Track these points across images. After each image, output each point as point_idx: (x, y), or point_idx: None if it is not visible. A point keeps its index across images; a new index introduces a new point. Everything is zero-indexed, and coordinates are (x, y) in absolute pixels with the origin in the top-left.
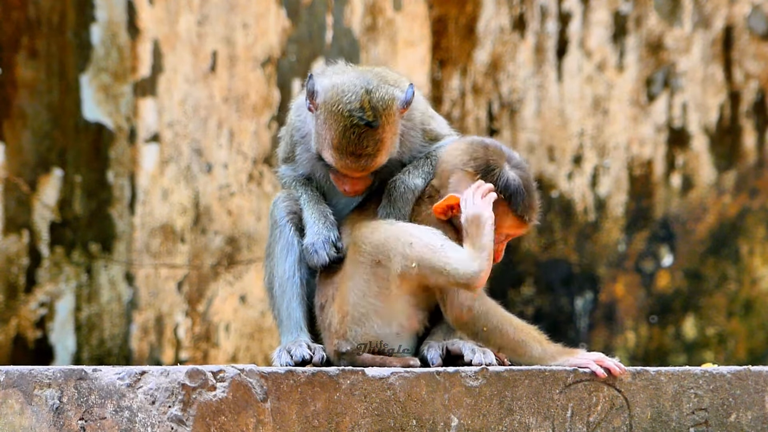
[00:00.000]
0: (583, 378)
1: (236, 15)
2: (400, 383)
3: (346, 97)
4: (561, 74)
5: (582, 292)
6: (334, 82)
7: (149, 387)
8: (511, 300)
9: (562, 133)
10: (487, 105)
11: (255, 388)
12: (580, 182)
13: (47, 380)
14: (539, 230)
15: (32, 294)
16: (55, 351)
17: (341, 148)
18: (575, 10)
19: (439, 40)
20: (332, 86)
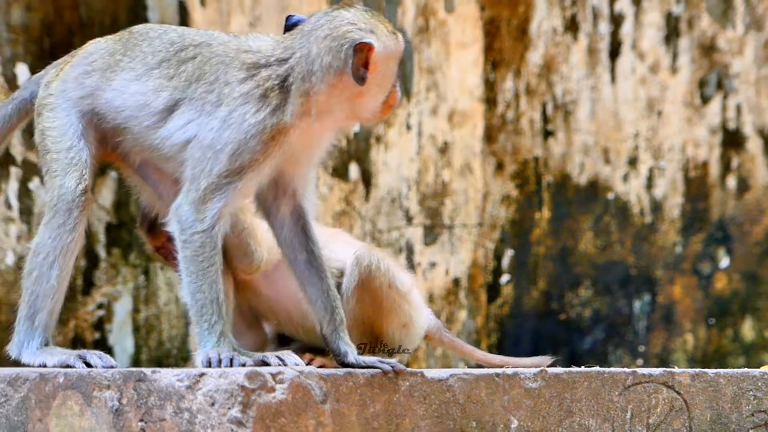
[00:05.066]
0: (643, 380)
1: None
2: (459, 385)
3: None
4: (614, 76)
5: (639, 295)
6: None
7: (209, 389)
8: (568, 302)
9: (616, 135)
10: (541, 106)
11: (314, 389)
12: (635, 184)
13: (106, 382)
14: (596, 232)
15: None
16: (113, 352)
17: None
18: (627, 12)
19: (492, 41)
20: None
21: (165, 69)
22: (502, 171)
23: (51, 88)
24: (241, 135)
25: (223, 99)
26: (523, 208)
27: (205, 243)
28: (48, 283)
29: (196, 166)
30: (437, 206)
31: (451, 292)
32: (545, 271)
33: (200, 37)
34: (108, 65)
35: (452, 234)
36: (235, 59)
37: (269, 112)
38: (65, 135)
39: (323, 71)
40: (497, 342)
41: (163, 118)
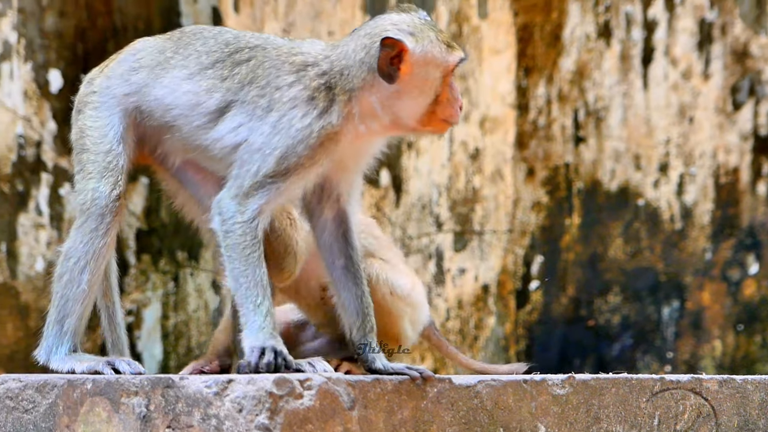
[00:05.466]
0: (670, 386)
1: (321, 22)
2: (486, 391)
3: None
4: (647, 82)
5: (668, 301)
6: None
7: (236, 395)
8: (597, 308)
9: (648, 141)
10: (572, 113)
11: (342, 396)
12: (666, 190)
13: (134, 388)
14: (626, 238)
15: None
16: (142, 359)
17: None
18: (660, 18)
19: (525, 47)
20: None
21: (219, 69)
22: (533, 177)
23: (94, 85)
24: (289, 140)
25: (274, 104)
26: (553, 214)
27: (246, 232)
28: (78, 288)
29: (242, 166)
30: (467, 212)
31: (480, 298)
32: (574, 277)
33: (256, 39)
34: (157, 62)
35: (482, 240)
36: (286, 63)
37: (316, 116)
38: (105, 137)
39: (357, 67)
40: (525, 348)
41: (214, 119)
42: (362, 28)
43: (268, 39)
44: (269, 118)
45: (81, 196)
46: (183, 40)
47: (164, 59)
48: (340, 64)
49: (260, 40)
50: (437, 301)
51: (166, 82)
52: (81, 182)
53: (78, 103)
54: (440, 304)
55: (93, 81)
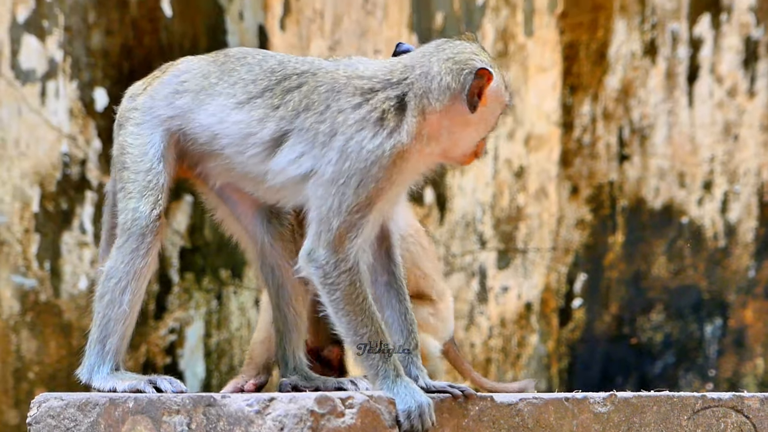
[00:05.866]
0: (712, 404)
1: (368, 40)
2: (528, 409)
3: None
4: (692, 100)
5: (711, 319)
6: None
7: (278, 413)
8: (640, 326)
9: (692, 159)
10: (617, 130)
11: (383, 414)
12: (710, 208)
13: (176, 407)
14: (669, 256)
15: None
16: (184, 377)
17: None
18: (706, 36)
19: (571, 65)
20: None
21: (269, 98)
22: (577, 195)
23: (137, 102)
24: (362, 164)
25: (338, 128)
26: (597, 232)
27: (354, 280)
28: (120, 308)
29: (321, 206)
30: (511, 230)
31: (522, 316)
32: (617, 295)
33: (301, 65)
34: (202, 87)
35: (525, 258)
36: (347, 85)
37: (386, 135)
38: (146, 155)
39: (440, 91)
40: (568, 366)
41: (270, 150)
42: (438, 50)
43: (313, 62)
44: (334, 143)
45: (122, 215)
46: (227, 65)
47: (209, 84)
48: (421, 85)
49: (306, 65)
50: (480, 319)
51: (212, 110)
52: (122, 201)
53: (120, 117)
54: (483, 322)
55: (136, 97)
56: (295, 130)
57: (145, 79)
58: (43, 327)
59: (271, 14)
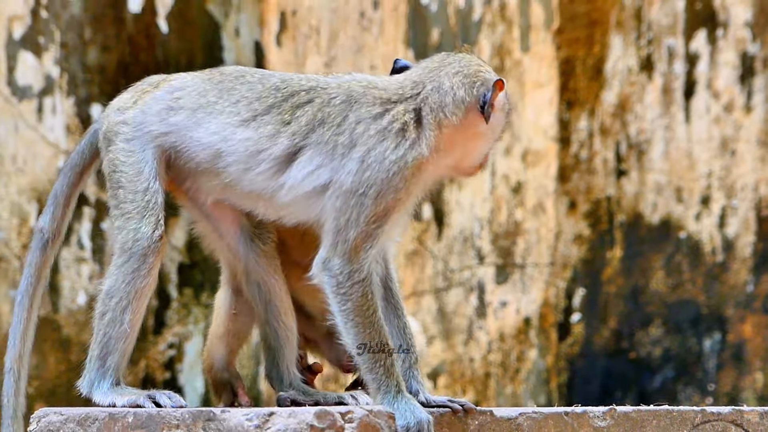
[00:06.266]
0: (711, 418)
1: (364, 56)
2: (528, 424)
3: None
4: (689, 115)
5: (710, 333)
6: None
7: (277, 428)
8: (639, 340)
9: (690, 174)
10: (614, 146)
11: (383, 428)
12: (708, 223)
13: (175, 421)
14: (667, 271)
15: (161, 335)
16: (184, 392)
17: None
18: (702, 51)
19: (567, 81)
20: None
21: (277, 115)
22: (574, 210)
23: (126, 116)
24: (383, 174)
25: (357, 138)
26: (595, 247)
27: (367, 293)
28: (121, 327)
29: (339, 216)
30: (509, 245)
31: (521, 331)
32: (616, 309)
33: (307, 81)
34: (199, 105)
35: (524, 273)
36: (365, 95)
37: (408, 147)
38: (141, 174)
39: (455, 104)
40: (567, 381)
41: (282, 166)
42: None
43: (318, 79)
44: (354, 153)
45: (122, 234)
46: (225, 83)
47: (206, 103)
48: (435, 100)
49: (312, 81)
50: (479, 334)
51: (213, 128)
52: (120, 219)
53: (107, 131)
54: (482, 337)
55: (124, 111)
56: (311, 144)
57: (134, 92)
58: (42, 342)
59: (267, 30)
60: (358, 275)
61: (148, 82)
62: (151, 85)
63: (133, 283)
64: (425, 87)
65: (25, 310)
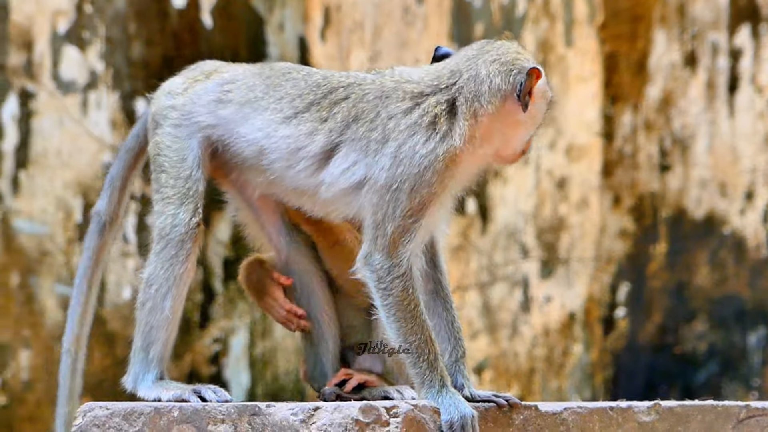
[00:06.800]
0: (757, 413)
1: (408, 50)
2: (573, 418)
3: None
4: (732, 110)
5: (755, 328)
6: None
7: (322, 423)
8: (683, 335)
9: (733, 169)
10: (658, 141)
11: (428, 423)
12: (752, 218)
13: (221, 416)
14: (712, 266)
15: (207, 330)
16: (229, 386)
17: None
18: (746, 46)
19: (611, 76)
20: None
21: (316, 112)
22: (619, 205)
23: (176, 101)
24: (415, 168)
25: (389, 134)
26: (639, 242)
27: (407, 287)
28: (162, 314)
29: (377, 212)
30: (554, 240)
31: (566, 326)
32: (661, 304)
33: (346, 78)
34: (247, 100)
35: (568, 268)
36: (396, 90)
37: (439, 140)
38: (185, 161)
39: (491, 93)
40: (612, 376)
41: (321, 163)
42: (482, 52)
43: (357, 75)
44: (386, 149)
45: (160, 219)
46: (272, 79)
47: (254, 98)
48: (471, 88)
49: (351, 78)
50: (523, 329)
51: (258, 124)
52: (159, 203)
53: (155, 113)
54: (526, 332)
55: (175, 96)
56: (347, 141)
57: (185, 78)
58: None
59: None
60: (398, 270)
61: (201, 70)
62: (203, 74)
63: (171, 269)
64: (462, 76)
65: (83, 294)
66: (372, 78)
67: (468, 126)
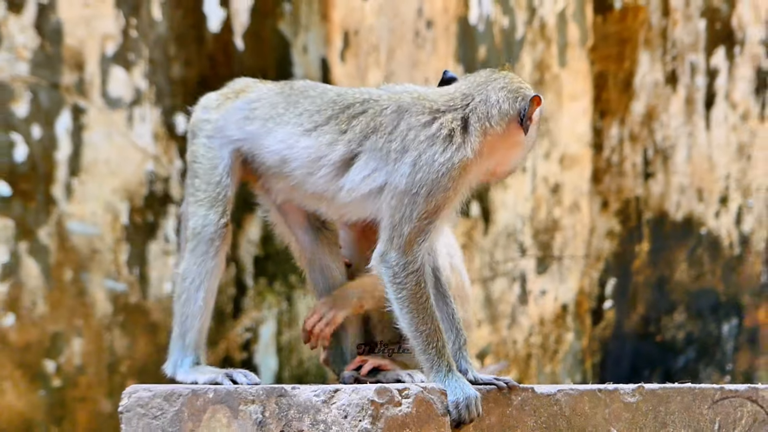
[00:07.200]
0: (729, 395)
1: (418, 70)
2: (565, 399)
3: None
4: (709, 123)
5: (728, 318)
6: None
7: (342, 403)
8: (664, 325)
9: (710, 176)
10: (642, 151)
11: (436, 403)
12: (726, 220)
13: (251, 397)
14: (690, 263)
15: (239, 320)
16: (259, 371)
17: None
18: (722, 67)
19: (600, 93)
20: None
21: (335, 125)
22: (607, 209)
23: (210, 116)
24: (434, 175)
25: (408, 144)
26: (625, 241)
27: (420, 282)
28: (195, 305)
29: (394, 214)
30: (548, 240)
31: (559, 316)
32: (644, 297)
33: (359, 94)
34: (270, 116)
35: (561, 265)
36: (415, 105)
37: (455, 150)
38: (216, 169)
39: (500, 115)
40: (600, 361)
41: (340, 170)
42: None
43: (369, 92)
44: (406, 158)
45: (193, 220)
46: (292, 97)
47: (276, 114)
48: (482, 110)
49: (365, 94)
50: (521, 319)
51: (280, 137)
52: (192, 205)
53: (193, 125)
54: (524, 322)
55: (209, 110)
56: (366, 150)
57: (219, 95)
58: (133, 326)
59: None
60: (413, 266)
61: (232, 88)
62: (234, 92)
63: (203, 265)
64: (474, 99)
65: None
66: (386, 94)
67: (479, 142)
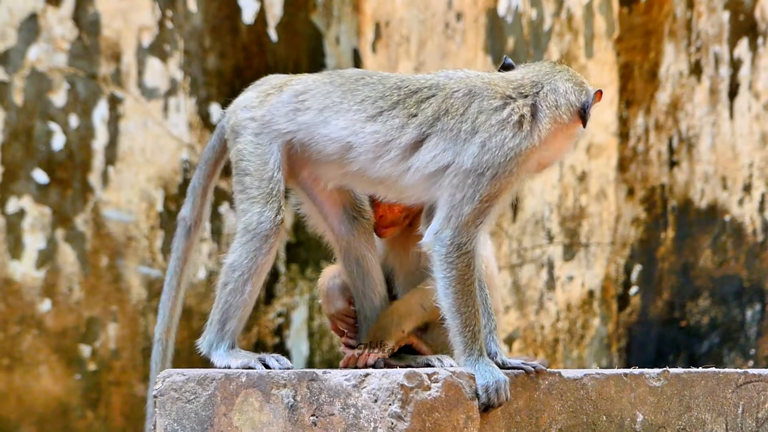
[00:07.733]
0: (753, 379)
1: (448, 60)
2: (591, 383)
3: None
4: (732, 113)
5: (751, 304)
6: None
7: (372, 387)
8: (688, 311)
9: (733, 165)
10: (668, 140)
11: (464, 387)
12: (749, 208)
13: (283, 381)
14: (714, 250)
15: (271, 305)
16: (290, 355)
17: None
18: (745, 57)
19: (626, 83)
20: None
21: (403, 109)
22: (632, 196)
23: (254, 113)
24: (501, 158)
25: (479, 126)
26: (650, 228)
27: (470, 263)
28: (241, 297)
29: (455, 194)
30: (575, 227)
31: (586, 302)
32: (669, 283)
33: (426, 80)
34: (324, 105)
35: (588, 251)
36: (486, 89)
37: (524, 137)
38: (267, 164)
39: (567, 105)
40: (626, 346)
41: (409, 152)
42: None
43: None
44: (475, 139)
45: (246, 216)
46: (347, 85)
47: (332, 103)
48: (551, 99)
49: (431, 80)
50: (549, 305)
51: (342, 124)
52: (245, 203)
53: (234, 125)
54: (551, 307)
55: (251, 109)
56: (437, 131)
57: (257, 92)
58: None
59: (364, 39)
60: (467, 247)
61: (270, 84)
62: (274, 88)
63: (255, 260)
64: (543, 88)
65: (173, 289)
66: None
67: (546, 130)
